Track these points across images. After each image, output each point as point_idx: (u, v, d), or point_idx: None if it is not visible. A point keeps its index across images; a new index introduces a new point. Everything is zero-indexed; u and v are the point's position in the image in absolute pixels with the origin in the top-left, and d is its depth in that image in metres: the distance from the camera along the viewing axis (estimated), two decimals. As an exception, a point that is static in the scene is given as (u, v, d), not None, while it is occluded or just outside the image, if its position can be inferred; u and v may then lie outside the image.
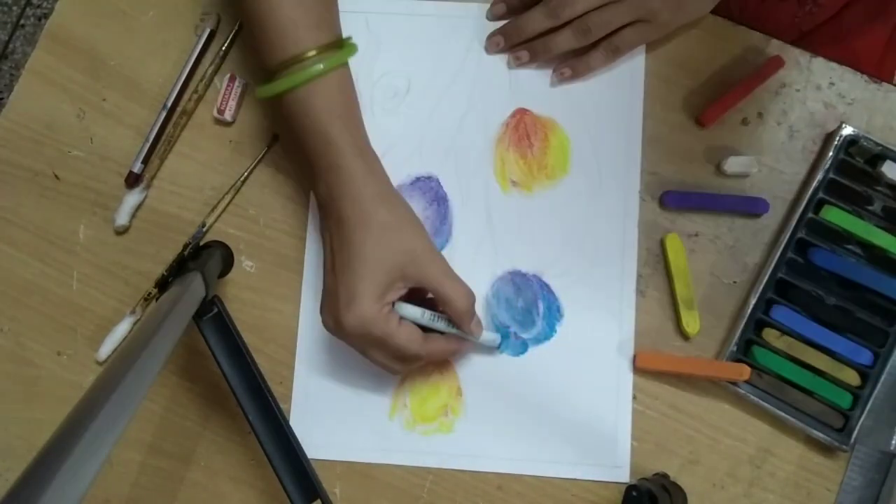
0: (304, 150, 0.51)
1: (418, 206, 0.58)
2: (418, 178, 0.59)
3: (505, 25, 0.59)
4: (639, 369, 0.56)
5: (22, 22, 1.55)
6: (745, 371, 0.53)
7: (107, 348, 0.58)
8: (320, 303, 0.52)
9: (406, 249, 0.48)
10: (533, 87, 0.59)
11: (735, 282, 0.57)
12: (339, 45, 0.51)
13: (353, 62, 0.55)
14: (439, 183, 0.59)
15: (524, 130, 0.59)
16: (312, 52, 0.48)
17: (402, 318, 0.49)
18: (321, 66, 0.48)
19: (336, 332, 0.50)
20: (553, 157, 0.59)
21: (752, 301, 0.55)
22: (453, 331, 0.51)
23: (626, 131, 0.58)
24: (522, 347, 0.57)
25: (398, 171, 0.59)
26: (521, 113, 0.59)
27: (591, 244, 0.58)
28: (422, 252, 0.49)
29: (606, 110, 0.59)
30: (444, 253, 0.58)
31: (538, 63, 0.59)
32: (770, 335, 0.55)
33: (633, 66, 0.59)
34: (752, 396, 0.54)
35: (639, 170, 0.58)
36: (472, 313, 0.51)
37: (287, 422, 0.51)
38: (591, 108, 0.59)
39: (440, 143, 0.59)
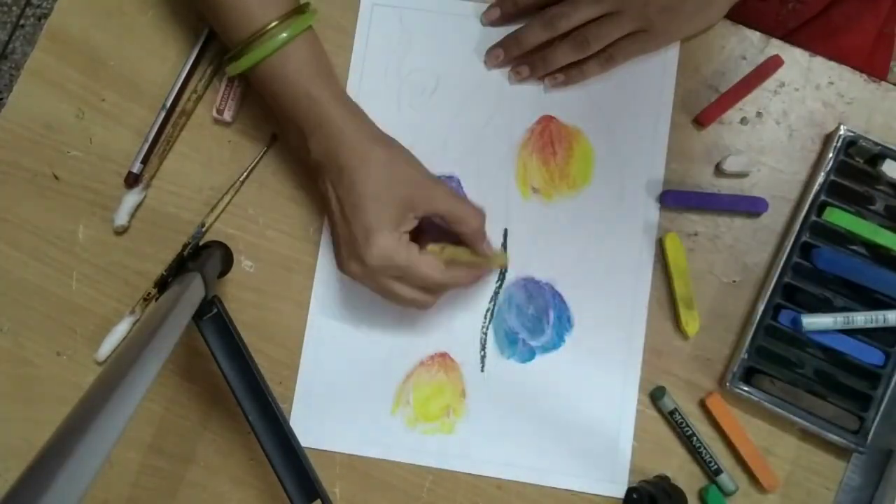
0: (287, 115, 0.52)
1: None
2: (440, 177, 0.59)
3: (504, 38, 0.59)
4: (705, 405, 0.56)
5: (22, 22, 1.55)
6: (774, 485, 0.54)
7: (106, 348, 0.58)
8: (336, 257, 0.53)
9: (410, 179, 0.50)
10: (561, 95, 0.59)
11: (735, 281, 0.57)
12: (300, 12, 0.51)
13: (383, 57, 0.58)
14: (460, 183, 0.59)
15: (549, 138, 0.59)
16: (275, 24, 0.49)
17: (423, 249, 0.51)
18: (285, 34, 0.49)
19: (361, 275, 0.51)
20: (576, 167, 0.59)
21: (761, 308, 0.55)
22: None
23: (651, 147, 0.58)
24: (530, 354, 0.57)
25: None
26: (547, 120, 0.59)
27: (607, 257, 0.57)
28: (424, 179, 0.51)
29: (633, 125, 0.58)
30: None
31: (538, 77, 0.59)
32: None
33: (664, 85, 0.59)
34: (753, 397, 0.54)
35: (661, 187, 0.58)
36: (484, 233, 0.53)
37: (287, 422, 0.51)
38: (617, 121, 0.58)
39: (464, 143, 0.59)
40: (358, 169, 0.49)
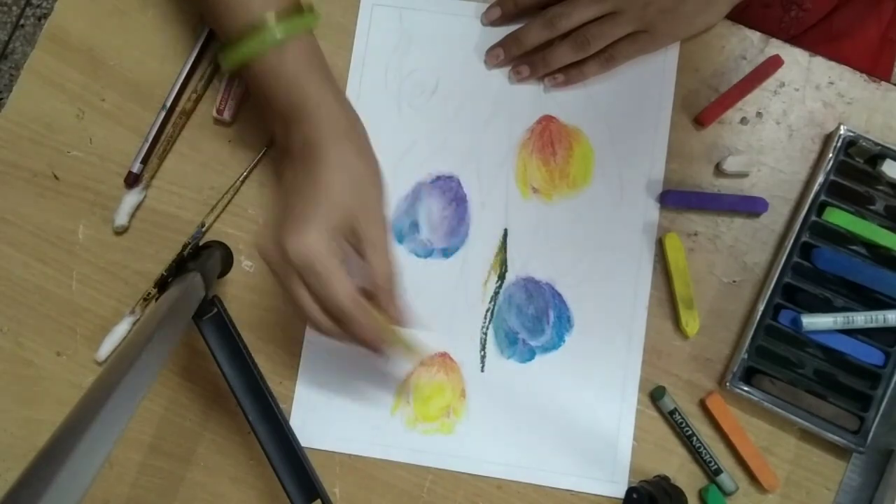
0: (275, 103, 0.50)
1: (437, 205, 0.58)
2: (439, 177, 0.59)
3: (504, 38, 0.59)
4: (705, 405, 0.56)
5: (22, 22, 1.55)
6: (774, 485, 0.54)
7: (106, 348, 0.58)
8: (258, 237, 0.51)
9: (366, 203, 0.48)
10: (561, 95, 0.59)
11: (734, 281, 0.57)
12: (302, 13, 0.50)
13: (383, 57, 0.58)
14: (460, 183, 0.59)
15: (549, 138, 0.59)
16: (273, 20, 0.48)
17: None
18: (279, 34, 0.48)
19: (273, 262, 0.47)
20: (575, 167, 0.59)
21: (760, 307, 0.55)
22: None
23: (651, 147, 0.58)
24: (530, 355, 0.57)
25: (420, 168, 0.59)
26: (547, 120, 0.59)
27: (607, 257, 0.57)
28: (375, 212, 0.49)
29: (633, 125, 0.58)
30: (459, 253, 0.58)
31: (538, 77, 0.59)
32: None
33: (664, 85, 0.59)
34: (753, 397, 0.54)
35: (661, 187, 0.58)
36: (392, 294, 0.49)
37: (287, 422, 0.51)
38: (617, 121, 0.58)
39: (464, 143, 0.59)
40: (334, 168, 0.48)
